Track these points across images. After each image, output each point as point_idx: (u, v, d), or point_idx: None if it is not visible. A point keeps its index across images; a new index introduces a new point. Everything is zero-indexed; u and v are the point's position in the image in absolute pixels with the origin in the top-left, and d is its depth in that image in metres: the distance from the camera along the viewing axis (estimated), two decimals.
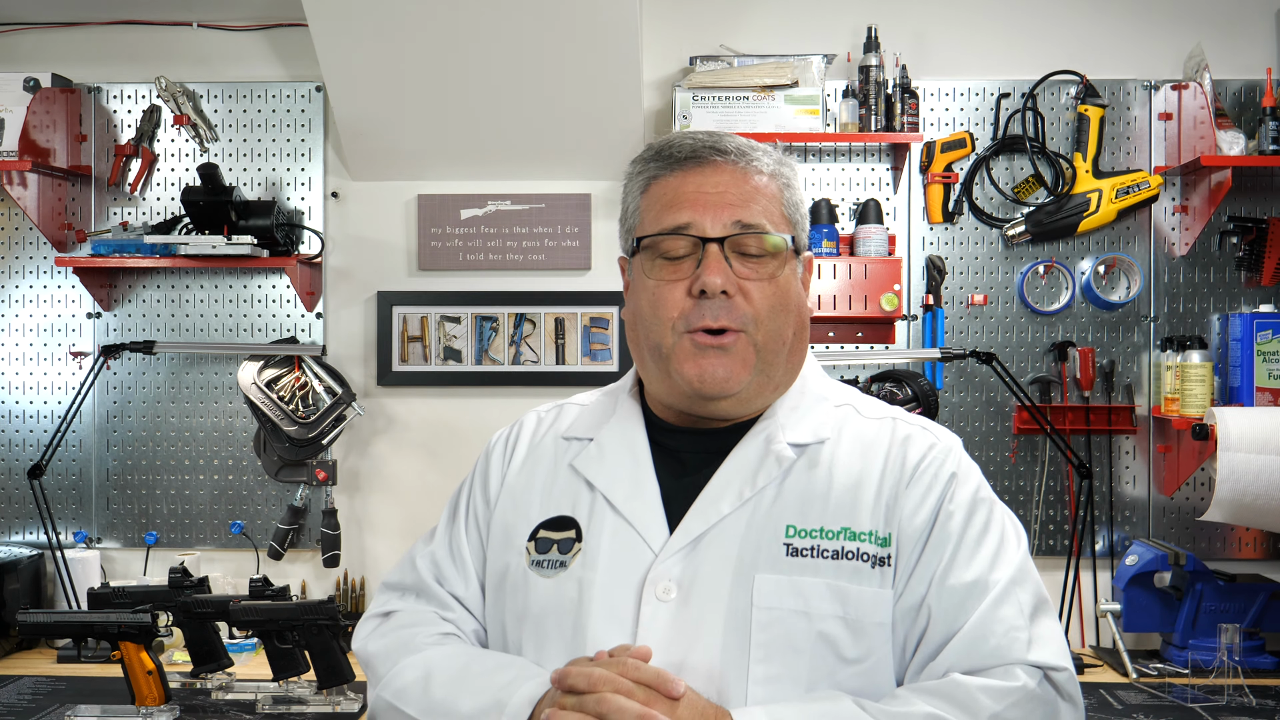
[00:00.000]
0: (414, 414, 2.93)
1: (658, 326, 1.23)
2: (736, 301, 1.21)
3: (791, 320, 1.26)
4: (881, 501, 1.21)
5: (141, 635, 2.20)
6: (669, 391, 1.27)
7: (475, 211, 2.93)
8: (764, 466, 1.23)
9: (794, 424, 1.26)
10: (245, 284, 2.94)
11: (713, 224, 1.22)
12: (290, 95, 2.93)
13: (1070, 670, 1.16)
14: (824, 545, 1.18)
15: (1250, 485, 2.45)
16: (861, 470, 1.23)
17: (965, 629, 1.14)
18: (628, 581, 1.21)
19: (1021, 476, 2.86)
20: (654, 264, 1.25)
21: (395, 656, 1.28)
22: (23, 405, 2.96)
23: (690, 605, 1.18)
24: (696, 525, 1.21)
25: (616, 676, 1.09)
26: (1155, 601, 2.65)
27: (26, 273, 2.96)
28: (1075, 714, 1.16)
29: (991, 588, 1.16)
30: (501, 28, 2.59)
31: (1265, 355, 2.71)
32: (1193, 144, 2.73)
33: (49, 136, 2.81)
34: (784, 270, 1.25)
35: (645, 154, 1.32)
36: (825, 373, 1.37)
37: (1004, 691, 1.11)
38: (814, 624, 1.15)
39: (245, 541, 2.91)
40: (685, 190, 1.24)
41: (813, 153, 2.89)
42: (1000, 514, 1.24)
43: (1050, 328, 2.86)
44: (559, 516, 1.28)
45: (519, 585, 1.27)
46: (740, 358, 1.22)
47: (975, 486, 1.24)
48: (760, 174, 1.26)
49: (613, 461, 1.29)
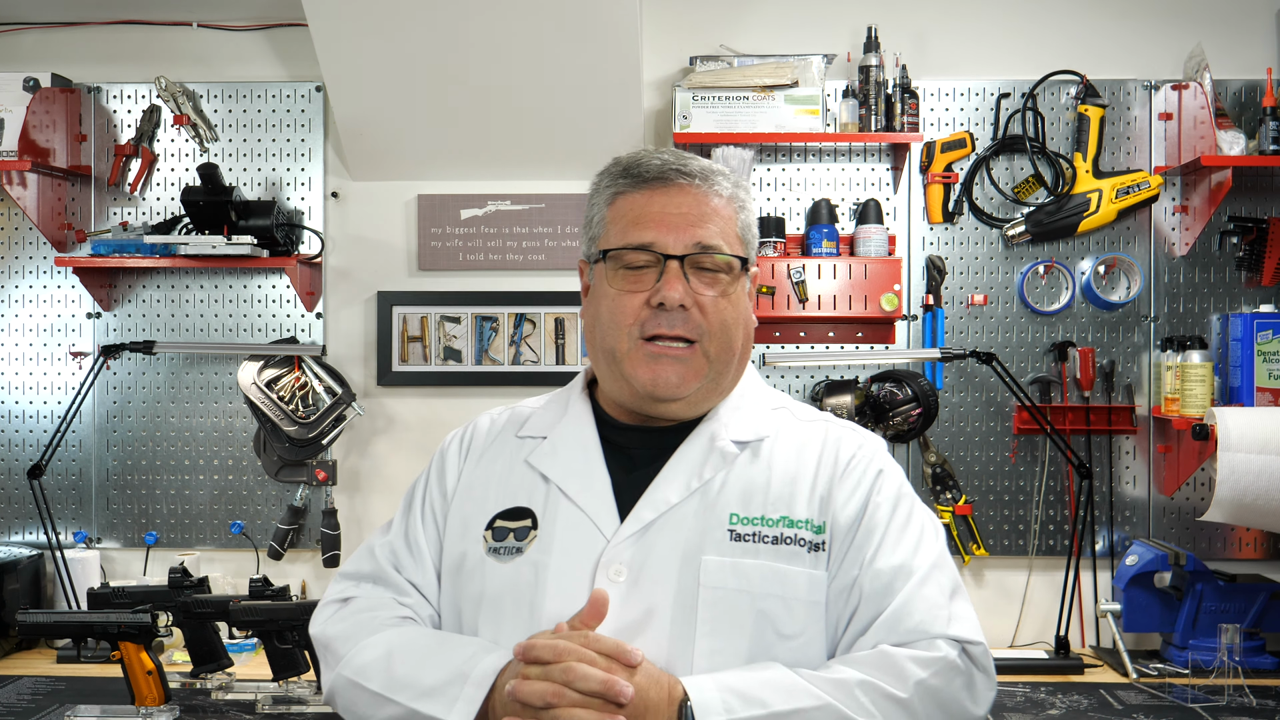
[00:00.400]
0: (414, 414, 2.93)
1: (615, 332, 1.33)
2: (692, 314, 1.32)
3: (740, 332, 1.37)
4: (816, 493, 1.33)
5: (141, 635, 2.20)
6: (621, 392, 1.37)
7: (475, 211, 2.93)
8: (709, 461, 1.34)
9: (736, 424, 1.37)
10: (245, 284, 2.94)
11: (674, 242, 1.32)
12: (290, 95, 2.93)
13: (984, 645, 1.28)
14: (764, 531, 1.30)
15: (1250, 485, 2.45)
16: (798, 465, 1.34)
17: (892, 607, 1.26)
18: (581, 565, 1.29)
19: (1021, 476, 2.86)
20: (616, 274, 1.34)
21: (356, 638, 1.34)
22: (23, 405, 2.96)
23: (640, 586, 1.27)
24: (647, 513, 1.31)
25: (579, 647, 1.18)
26: (1155, 601, 2.65)
27: (26, 273, 2.96)
28: (989, 683, 1.27)
29: (915, 571, 1.28)
30: (501, 28, 2.59)
31: (1265, 355, 2.71)
32: (1193, 144, 2.73)
33: (49, 136, 2.81)
34: (736, 287, 1.35)
35: (614, 169, 1.40)
36: (763, 380, 1.48)
37: (929, 660, 1.22)
38: (755, 602, 1.26)
39: (245, 541, 2.91)
40: (651, 209, 1.34)
41: (813, 153, 2.89)
42: (921, 510, 1.36)
43: (1050, 328, 2.86)
44: (515, 507, 1.36)
45: (476, 571, 1.34)
46: (693, 367, 1.33)
47: (899, 484, 1.36)
48: (719, 197, 1.36)
49: (566, 456, 1.38)
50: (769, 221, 2.80)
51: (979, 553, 2.84)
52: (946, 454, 2.86)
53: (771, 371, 2.86)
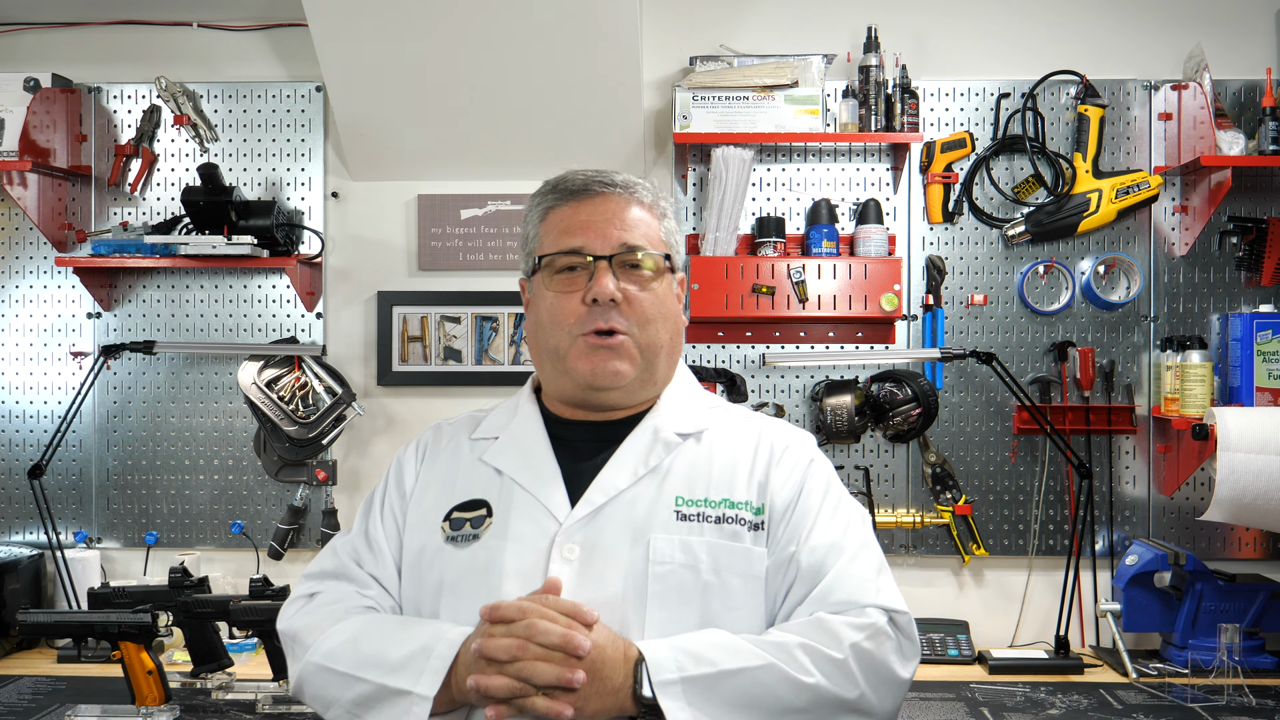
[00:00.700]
0: (414, 414, 2.93)
1: (556, 331, 1.45)
2: (622, 309, 1.44)
3: (668, 326, 1.49)
4: (755, 479, 1.45)
5: (141, 635, 2.20)
6: (564, 388, 1.49)
7: (475, 211, 2.93)
8: (654, 449, 1.45)
9: (677, 417, 1.49)
10: (245, 284, 2.94)
11: (602, 244, 1.44)
12: (290, 95, 2.93)
13: (910, 615, 1.40)
14: (708, 512, 1.41)
15: (1250, 485, 2.45)
16: (736, 454, 1.47)
17: (827, 579, 1.37)
18: (536, 547, 1.39)
19: (1021, 476, 2.86)
20: (553, 279, 1.47)
21: (322, 627, 1.41)
22: (23, 405, 2.96)
23: (593, 564, 1.37)
24: (598, 497, 1.41)
25: (540, 607, 1.29)
26: (1155, 601, 2.65)
27: (26, 273, 2.96)
28: (914, 650, 1.39)
29: (846, 549, 1.40)
30: (501, 28, 2.59)
31: (1265, 355, 2.71)
32: (1193, 144, 2.74)
33: (49, 136, 2.81)
34: (660, 283, 1.48)
35: (543, 189, 1.54)
36: (697, 382, 1.60)
37: (861, 625, 1.34)
38: (700, 576, 1.37)
39: (245, 541, 2.91)
40: (579, 217, 1.47)
41: (813, 153, 2.89)
42: (849, 498, 1.50)
43: (1050, 328, 2.86)
44: (471, 499, 1.46)
45: (435, 559, 1.43)
46: (627, 355, 1.44)
47: (830, 473, 1.50)
48: (641, 204, 1.49)
49: (517, 451, 1.49)
50: (769, 221, 2.80)
51: (979, 553, 2.84)
52: (946, 454, 2.86)
53: (771, 371, 2.87)
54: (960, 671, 2.60)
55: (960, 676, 2.55)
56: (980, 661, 2.67)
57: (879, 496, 2.85)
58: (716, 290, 2.72)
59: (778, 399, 2.87)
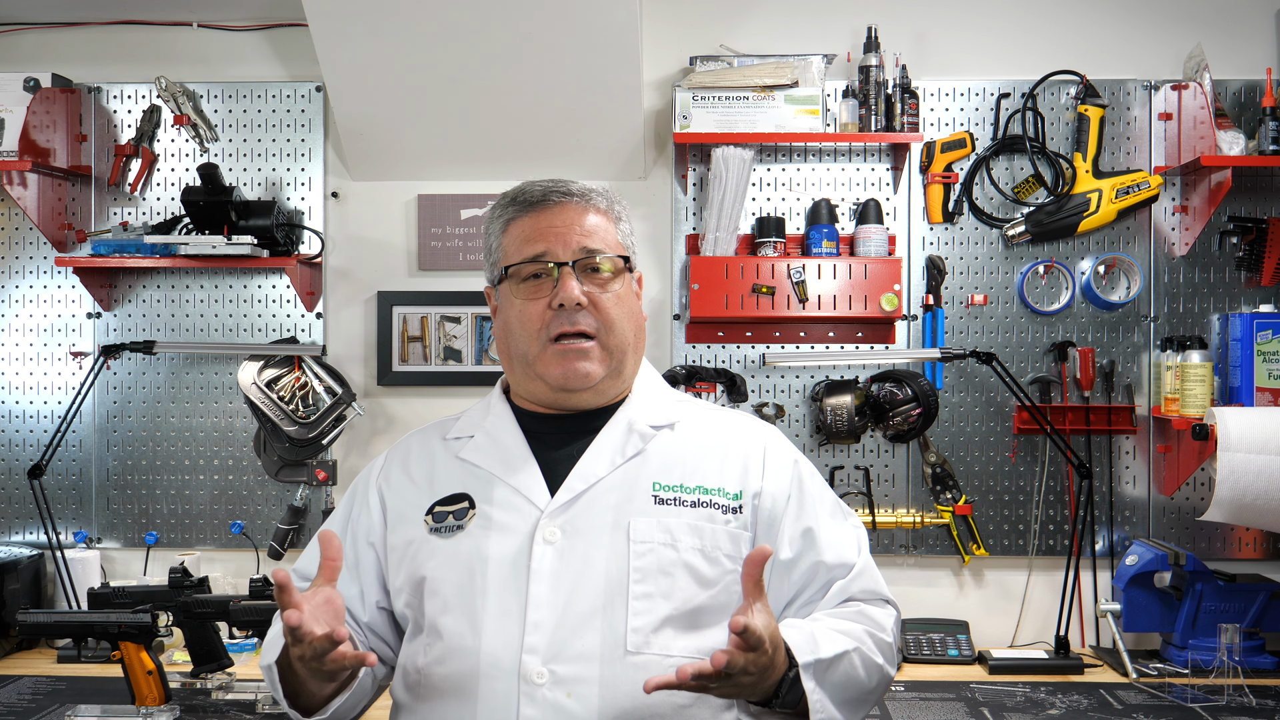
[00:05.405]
0: (414, 414, 2.92)
1: (525, 337, 1.51)
2: (589, 311, 1.50)
3: (632, 323, 1.55)
4: (728, 467, 1.52)
5: (141, 635, 2.20)
6: (536, 391, 1.55)
7: (475, 211, 2.93)
8: (630, 440, 1.52)
9: (649, 410, 1.56)
10: (245, 284, 2.94)
11: (564, 250, 1.50)
12: (290, 95, 2.93)
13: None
14: (684, 496, 1.49)
15: (1250, 485, 2.45)
16: (708, 444, 1.54)
17: (855, 571, 1.53)
18: (519, 534, 1.45)
19: (1021, 476, 2.86)
20: (519, 286, 1.52)
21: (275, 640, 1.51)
22: (23, 405, 2.96)
23: (575, 546, 1.43)
24: (577, 484, 1.48)
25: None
26: (1155, 601, 2.65)
27: (26, 273, 2.96)
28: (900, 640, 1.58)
29: (863, 546, 1.57)
30: (501, 28, 2.59)
31: (1265, 355, 2.71)
32: (1193, 144, 2.74)
33: (49, 136, 2.81)
34: (620, 284, 1.54)
35: (502, 201, 1.58)
36: (662, 378, 1.67)
37: (889, 614, 1.54)
38: (679, 554, 1.45)
39: (245, 541, 2.91)
40: (539, 226, 1.52)
41: (813, 153, 2.89)
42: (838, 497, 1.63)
43: (1050, 328, 2.86)
44: (452, 494, 1.52)
45: (420, 550, 1.50)
46: (597, 358, 1.51)
47: (813, 469, 1.60)
48: (598, 211, 1.55)
49: (493, 447, 1.55)
50: (769, 221, 2.80)
51: (979, 553, 2.84)
52: (946, 454, 2.86)
53: (771, 371, 2.87)
54: (960, 671, 2.60)
55: (960, 676, 2.56)
56: (980, 661, 2.67)
57: (879, 496, 2.85)
58: (716, 290, 2.72)
59: (778, 399, 2.87)
